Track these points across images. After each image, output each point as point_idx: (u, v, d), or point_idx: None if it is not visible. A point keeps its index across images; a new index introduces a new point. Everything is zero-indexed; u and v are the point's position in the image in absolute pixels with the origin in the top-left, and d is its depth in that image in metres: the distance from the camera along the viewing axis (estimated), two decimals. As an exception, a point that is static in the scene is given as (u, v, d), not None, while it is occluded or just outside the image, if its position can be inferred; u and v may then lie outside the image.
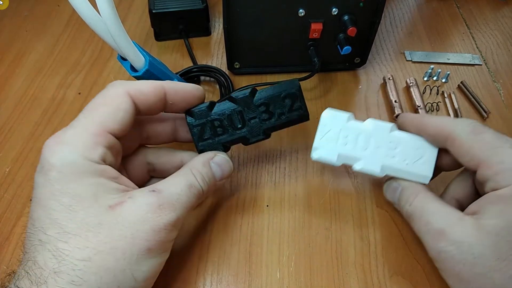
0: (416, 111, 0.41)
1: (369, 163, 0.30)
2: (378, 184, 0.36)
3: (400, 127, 0.31)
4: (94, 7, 0.28)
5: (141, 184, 0.31)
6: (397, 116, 0.40)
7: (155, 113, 0.29)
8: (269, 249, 0.32)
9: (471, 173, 0.28)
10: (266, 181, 0.36)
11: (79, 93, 0.43)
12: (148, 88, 0.27)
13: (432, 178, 0.30)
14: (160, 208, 0.24)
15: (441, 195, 0.31)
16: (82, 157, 0.23)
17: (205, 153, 0.29)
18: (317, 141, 0.30)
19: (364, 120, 0.30)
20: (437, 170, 0.30)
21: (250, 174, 0.36)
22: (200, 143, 0.30)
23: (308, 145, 0.39)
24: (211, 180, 0.28)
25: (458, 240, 0.24)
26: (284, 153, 0.38)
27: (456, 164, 0.29)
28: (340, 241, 0.32)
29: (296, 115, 0.30)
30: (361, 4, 0.38)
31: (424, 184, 0.29)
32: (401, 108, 0.41)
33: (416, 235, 0.28)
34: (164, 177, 0.27)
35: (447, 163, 0.30)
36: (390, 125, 0.30)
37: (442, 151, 0.29)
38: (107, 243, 0.22)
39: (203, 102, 0.30)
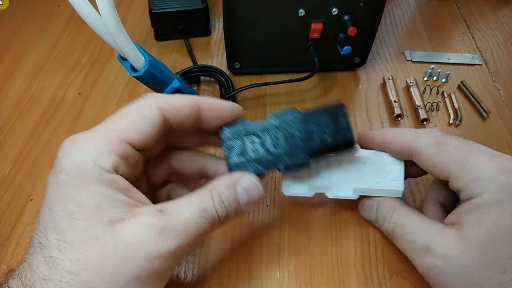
0: (416, 111, 0.41)
1: (340, 189, 0.30)
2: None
3: (362, 146, 0.31)
4: (94, 7, 0.28)
5: (158, 188, 0.30)
6: (397, 116, 0.40)
7: (188, 129, 0.27)
8: (269, 249, 0.32)
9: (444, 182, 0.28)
10: (266, 181, 0.36)
11: (79, 93, 0.43)
12: (181, 102, 0.25)
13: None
14: (160, 233, 0.21)
15: (424, 199, 0.31)
16: (93, 162, 0.22)
17: (231, 173, 0.26)
18: (286, 177, 0.30)
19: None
20: (406, 177, 0.30)
21: (250, 174, 0.36)
22: (231, 160, 0.27)
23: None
24: (233, 205, 0.24)
25: (445, 253, 0.24)
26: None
27: (424, 171, 0.29)
28: (340, 241, 0.32)
29: (341, 139, 0.27)
30: (361, 4, 0.38)
31: (399, 198, 0.30)
32: (400, 108, 0.41)
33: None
34: (184, 182, 0.26)
35: (415, 172, 0.30)
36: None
37: (408, 161, 0.29)
38: (97, 260, 0.20)
39: (239, 118, 0.28)
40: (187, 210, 0.23)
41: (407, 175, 0.30)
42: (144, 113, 0.24)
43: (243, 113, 0.28)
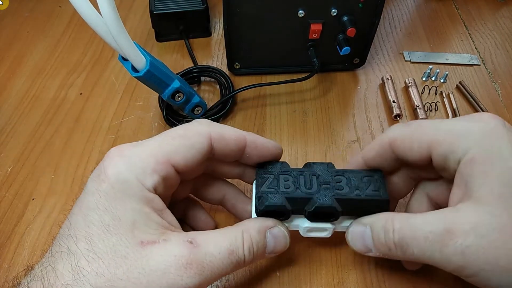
0: (414, 111, 0.41)
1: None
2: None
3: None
4: (95, 8, 0.28)
5: (176, 200, 0.30)
6: (396, 116, 0.41)
7: (229, 159, 0.28)
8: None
9: (425, 167, 0.26)
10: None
11: (81, 93, 0.43)
12: (231, 136, 0.26)
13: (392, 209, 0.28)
14: (186, 267, 0.21)
15: (410, 198, 0.29)
16: (136, 178, 0.22)
17: (265, 219, 0.26)
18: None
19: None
20: (394, 200, 0.30)
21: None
22: (261, 188, 0.26)
23: (307, 145, 0.39)
24: (260, 251, 0.25)
25: (471, 225, 0.21)
26: (284, 153, 0.38)
27: (408, 183, 0.29)
28: (340, 240, 0.32)
29: (374, 195, 0.26)
30: (360, 5, 0.38)
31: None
32: (399, 108, 0.41)
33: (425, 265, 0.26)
34: (201, 201, 0.26)
35: (399, 186, 0.29)
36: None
37: (386, 177, 0.28)
38: (123, 280, 0.20)
39: (278, 159, 0.29)
40: (217, 248, 0.23)
41: (392, 196, 0.28)
42: (196, 140, 0.25)
43: (282, 154, 0.29)
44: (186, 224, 0.32)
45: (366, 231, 0.26)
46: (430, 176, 0.28)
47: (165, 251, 0.21)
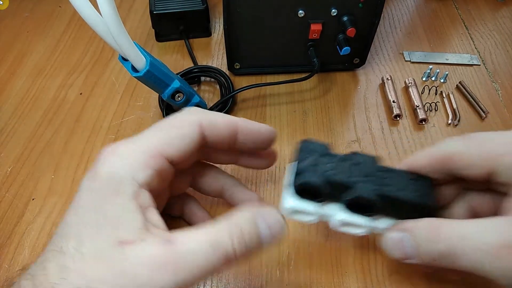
0: (414, 111, 0.41)
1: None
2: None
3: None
4: (95, 8, 0.28)
5: (173, 198, 0.29)
6: (396, 116, 0.41)
7: (222, 147, 0.27)
8: (269, 247, 0.32)
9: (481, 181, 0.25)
10: (266, 180, 0.36)
11: (81, 94, 0.43)
12: (222, 122, 0.26)
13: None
14: (159, 268, 0.19)
15: (451, 204, 0.28)
16: (128, 174, 0.22)
17: (252, 206, 0.23)
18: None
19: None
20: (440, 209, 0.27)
21: (250, 174, 0.37)
22: (301, 165, 0.24)
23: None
24: (254, 242, 0.22)
25: None
26: (284, 153, 0.38)
27: (453, 194, 0.27)
28: (340, 240, 0.32)
29: (422, 199, 0.24)
30: (360, 5, 0.38)
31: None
32: (399, 108, 0.41)
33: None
34: (201, 196, 0.25)
35: (444, 196, 0.27)
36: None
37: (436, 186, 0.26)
38: (100, 281, 0.19)
39: (273, 143, 0.28)
40: (198, 244, 0.21)
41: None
42: (187, 129, 0.25)
43: (276, 137, 0.28)
44: (184, 221, 0.32)
45: (407, 238, 0.23)
46: (479, 188, 0.27)
47: (141, 252, 0.20)
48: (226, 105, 0.41)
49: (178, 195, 0.30)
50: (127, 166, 0.22)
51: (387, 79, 0.43)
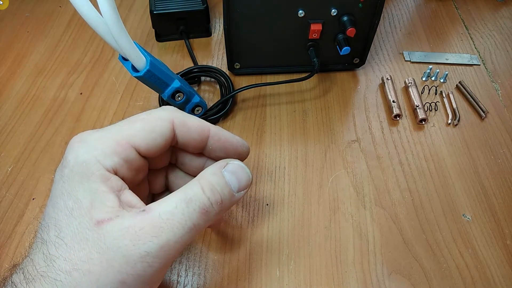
0: (414, 111, 0.41)
1: None
2: (378, 184, 0.36)
3: None
4: (95, 8, 0.28)
5: (157, 196, 0.29)
6: (395, 116, 0.41)
7: (192, 151, 0.27)
8: (269, 247, 0.32)
9: None
10: (266, 180, 0.36)
11: (81, 93, 0.43)
12: (194, 124, 0.26)
13: None
14: (138, 234, 0.20)
15: None
16: (95, 159, 0.23)
17: (215, 163, 0.25)
18: None
19: None
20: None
21: (250, 174, 0.37)
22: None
23: (307, 145, 0.39)
24: (225, 190, 0.24)
25: None
26: (284, 153, 0.38)
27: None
28: (339, 240, 0.32)
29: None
30: (360, 5, 0.38)
31: None
32: (399, 108, 0.41)
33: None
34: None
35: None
36: None
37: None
38: (85, 262, 0.20)
39: (244, 159, 0.28)
40: (171, 203, 0.22)
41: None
42: (156, 124, 0.25)
43: (249, 152, 0.28)
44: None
45: None
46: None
47: (118, 226, 0.21)
48: (226, 105, 0.41)
49: (161, 194, 0.30)
50: (94, 151, 0.23)
51: (387, 79, 0.43)
